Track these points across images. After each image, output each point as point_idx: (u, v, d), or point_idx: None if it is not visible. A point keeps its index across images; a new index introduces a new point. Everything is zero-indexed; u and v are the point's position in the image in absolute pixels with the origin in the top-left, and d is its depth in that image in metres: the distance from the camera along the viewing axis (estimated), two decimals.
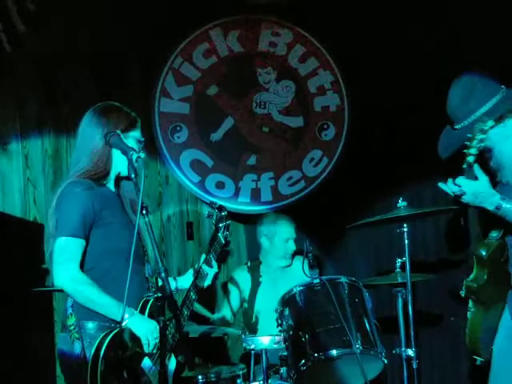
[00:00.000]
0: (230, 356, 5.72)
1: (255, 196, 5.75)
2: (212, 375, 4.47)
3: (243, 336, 4.44)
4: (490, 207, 3.25)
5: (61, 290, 4.84)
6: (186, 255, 5.65)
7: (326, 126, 5.81)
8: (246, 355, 4.93)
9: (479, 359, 3.67)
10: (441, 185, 3.28)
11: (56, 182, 5.29)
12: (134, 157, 3.23)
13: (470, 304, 3.62)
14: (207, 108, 5.72)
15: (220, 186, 5.71)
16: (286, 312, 4.23)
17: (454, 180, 3.24)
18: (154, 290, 3.54)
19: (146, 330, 3.30)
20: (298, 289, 4.24)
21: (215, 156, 5.70)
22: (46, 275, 5.19)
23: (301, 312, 4.21)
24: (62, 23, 5.29)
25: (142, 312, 3.37)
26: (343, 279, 4.24)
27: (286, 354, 4.38)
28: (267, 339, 4.30)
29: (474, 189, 3.22)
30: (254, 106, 5.78)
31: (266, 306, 4.86)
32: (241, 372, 4.49)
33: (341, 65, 5.80)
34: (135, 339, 3.28)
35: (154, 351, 3.34)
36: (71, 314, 3.33)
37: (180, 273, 5.21)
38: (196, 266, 3.83)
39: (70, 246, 3.30)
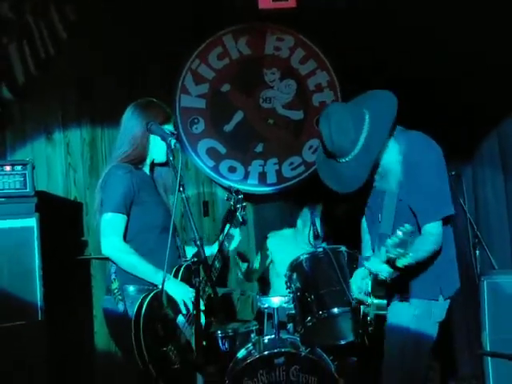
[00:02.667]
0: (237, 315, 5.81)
1: (262, 178, 5.83)
2: (229, 330, 4.56)
3: (258, 296, 4.54)
4: (401, 267, 3.14)
5: (98, 258, 5.07)
6: (203, 229, 5.71)
7: None
8: (258, 314, 5.03)
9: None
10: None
11: (92, 167, 5.39)
12: (172, 142, 3.31)
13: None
14: (221, 103, 5.79)
15: (232, 170, 5.79)
16: (294, 276, 4.34)
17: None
18: (183, 258, 3.64)
19: (179, 292, 3.41)
20: (304, 256, 4.35)
21: (228, 144, 5.78)
22: (85, 246, 5.31)
23: (307, 276, 4.32)
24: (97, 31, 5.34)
25: (176, 276, 3.47)
26: (343, 248, 4.33)
27: (293, 312, 4.49)
28: (278, 299, 4.40)
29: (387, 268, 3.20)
30: (261, 102, 5.85)
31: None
32: (254, 328, 4.59)
33: (335, 66, 5.87)
34: (170, 300, 3.38)
35: (186, 310, 3.43)
36: (115, 280, 3.41)
37: None
38: (221, 237, 3.90)
39: (115, 220, 3.39)
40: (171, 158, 3.34)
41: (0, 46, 5.01)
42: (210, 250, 3.86)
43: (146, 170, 3.61)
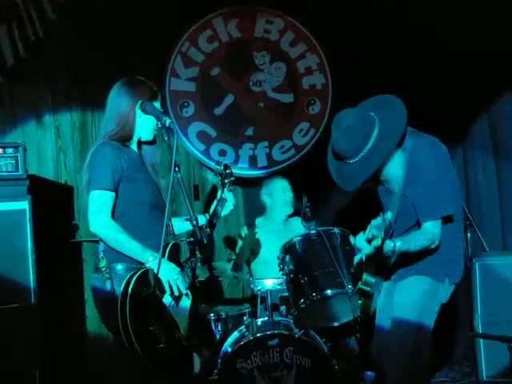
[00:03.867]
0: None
1: (252, 162, 5.83)
2: (222, 313, 4.56)
3: (251, 279, 4.53)
4: (388, 253, 3.32)
5: (90, 241, 5.03)
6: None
7: (312, 102, 5.87)
8: (251, 297, 5.02)
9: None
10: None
11: (83, 151, 5.33)
12: (167, 122, 3.28)
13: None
14: (211, 86, 5.77)
15: (222, 153, 5.77)
16: (287, 258, 4.30)
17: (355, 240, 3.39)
18: (171, 236, 3.62)
19: (164, 271, 3.34)
20: (297, 238, 4.29)
21: (218, 128, 5.77)
22: (76, 230, 5.27)
23: (300, 258, 4.26)
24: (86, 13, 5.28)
25: (163, 255, 3.38)
26: (336, 230, 4.27)
27: (285, 294, 4.48)
28: (271, 281, 4.40)
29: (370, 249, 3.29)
30: (251, 85, 5.83)
31: (272, 257, 4.92)
32: (247, 310, 4.59)
33: (325, 49, 5.85)
34: (157, 279, 3.32)
35: (173, 289, 3.39)
36: (102, 258, 3.37)
37: None
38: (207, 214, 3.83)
39: (102, 197, 3.35)
40: (166, 138, 3.31)
41: None
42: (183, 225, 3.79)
43: (134, 147, 3.57)
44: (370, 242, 3.19)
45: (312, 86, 5.86)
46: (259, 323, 4.33)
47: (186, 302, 3.44)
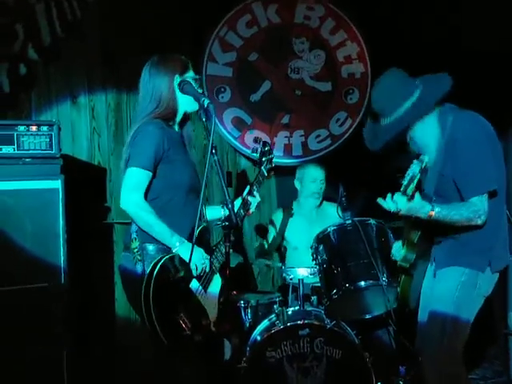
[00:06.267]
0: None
1: (287, 150, 5.71)
2: (252, 301, 4.48)
3: (283, 267, 4.44)
4: (423, 216, 3.23)
5: (125, 223, 4.97)
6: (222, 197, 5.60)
7: (351, 91, 5.74)
8: (282, 286, 4.93)
9: (407, 309, 3.71)
10: (380, 201, 3.22)
11: (117, 132, 5.27)
12: (206, 102, 3.19)
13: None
14: (248, 72, 5.65)
15: (256, 140, 5.61)
16: (321, 248, 4.23)
17: (392, 196, 3.18)
18: (204, 219, 3.53)
19: (194, 256, 3.25)
20: (332, 228, 4.23)
21: (254, 114, 5.65)
22: (108, 212, 5.21)
23: (334, 248, 4.20)
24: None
25: (191, 238, 3.29)
26: (372, 221, 4.21)
27: (317, 284, 4.40)
28: (304, 271, 4.31)
29: (408, 205, 3.17)
30: (289, 72, 5.71)
31: (302, 243, 4.84)
32: (277, 299, 4.50)
33: (366, 37, 5.71)
34: (184, 264, 3.25)
35: (201, 274, 3.33)
36: (135, 239, 3.30)
37: None
38: (241, 197, 3.73)
39: (139, 175, 3.27)
40: (204, 119, 3.22)
41: (27, 6, 4.88)
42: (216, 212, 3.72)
43: (176, 127, 3.50)
44: (405, 191, 3.12)
45: (351, 74, 5.73)
46: (290, 312, 4.25)
47: (215, 288, 3.37)
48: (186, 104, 3.45)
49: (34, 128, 4.21)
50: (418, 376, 3.59)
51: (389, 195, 3.19)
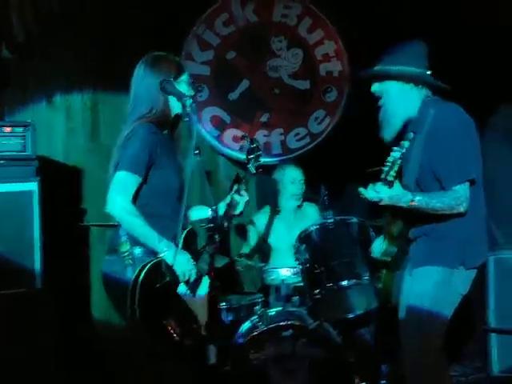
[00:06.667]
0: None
1: (266, 149, 5.63)
2: (233, 302, 4.42)
3: (265, 268, 4.40)
4: (405, 205, 3.20)
5: (101, 225, 4.91)
6: (204, 198, 5.53)
7: (329, 89, 5.70)
8: (262, 287, 4.87)
9: (390, 305, 3.68)
10: (361, 190, 3.19)
11: (93, 133, 5.19)
12: (188, 102, 3.12)
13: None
14: (226, 71, 5.61)
15: (235, 139, 5.60)
16: (303, 247, 4.19)
17: (373, 186, 3.15)
18: (190, 222, 3.48)
19: (181, 263, 3.19)
20: (314, 227, 4.20)
21: (232, 113, 5.60)
22: (84, 214, 5.12)
23: (316, 247, 4.18)
24: None
25: (176, 243, 3.24)
26: (354, 219, 4.19)
27: (299, 285, 4.36)
28: (286, 271, 4.27)
29: (389, 194, 3.14)
30: (267, 70, 5.66)
31: (282, 245, 4.80)
32: (259, 300, 4.44)
33: (343, 36, 5.67)
34: (171, 269, 3.17)
35: (189, 279, 3.25)
36: (125, 242, 3.21)
37: None
38: (228, 197, 3.62)
39: (128, 179, 3.18)
40: (187, 119, 3.15)
41: (0, 3, 4.78)
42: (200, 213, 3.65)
43: (167, 131, 3.41)
44: (386, 177, 3.09)
45: (329, 73, 5.69)
46: (273, 313, 4.18)
47: (204, 291, 3.29)
48: (176, 106, 3.35)
49: (7, 129, 4.13)
50: (401, 374, 3.57)
51: (371, 185, 3.17)
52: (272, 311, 4.21)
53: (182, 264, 3.19)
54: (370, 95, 3.55)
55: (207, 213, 3.56)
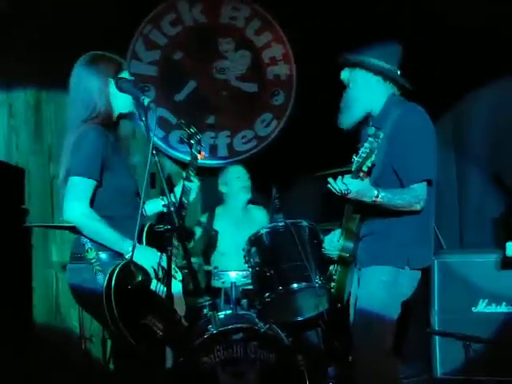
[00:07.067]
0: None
1: (212, 151, 5.63)
2: None
3: (215, 270, 4.36)
4: (368, 200, 3.24)
5: (45, 226, 4.79)
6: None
7: (276, 93, 5.70)
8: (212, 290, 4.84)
9: (340, 305, 3.65)
10: (330, 181, 3.22)
11: (36, 131, 5.07)
12: (146, 101, 3.07)
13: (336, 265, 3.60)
14: (172, 71, 5.56)
15: (182, 141, 5.51)
16: (253, 250, 4.18)
17: (342, 179, 3.19)
18: (146, 217, 3.42)
19: (146, 258, 3.13)
20: (265, 230, 4.19)
21: (178, 114, 5.51)
22: (26, 215, 4.98)
23: (266, 250, 4.16)
24: None
25: (140, 238, 3.18)
26: (304, 223, 4.19)
27: (248, 287, 4.34)
28: (235, 274, 4.25)
29: (357, 188, 3.19)
30: (214, 72, 5.64)
31: (229, 248, 4.78)
32: (207, 303, 4.41)
33: (291, 39, 5.67)
34: (140, 268, 3.10)
35: (160, 275, 3.19)
36: (90, 249, 3.12)
37: None
38: (178, 186, 3.61)
39: (83, 184, 3.10)
40: (144, 119, 3.09)
41: None
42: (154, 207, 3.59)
43: (113, 131, 3.33)
44: (360, 168, 3.13)
45: (276, 76, 5.70)
46: (222, 316, 4.16)
47: (177, 285, 3.24)
48: (120, 105, 3.29)
49: None
50: (348, 376, 3.59)
51: (339, 177, 3.19)
52: (221, 314, 4.20)
53: (150, 259, 3.13)
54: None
55: (160, 204, 3.48)
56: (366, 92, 3.50)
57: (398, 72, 3.51)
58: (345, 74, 3.57)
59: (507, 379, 4.40)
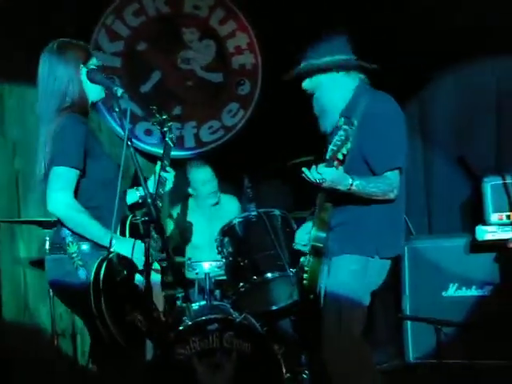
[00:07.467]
0: None
1: (179, 142, 5.52)
2: None
3: (188, 261, 4.34)
4: (343, 188, 3.22)
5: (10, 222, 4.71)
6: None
7: (242, 82, 5.69)
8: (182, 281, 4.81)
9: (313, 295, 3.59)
10: (305, 170, 3.19)
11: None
12: (119, 92, 3.02)
13: (309, 256, 3.55)
14: (137, 62, 5.51)
15: (148, 132, 5.53)
16: (226, 240, 4.17)
17: (316, 168, 3.15)
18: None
19: (133, 251, 3.06)
20: (237, 220, 4.19)
21: (144, 106, 5.42)
22: None
23: (239, 240, 4.17)
24: None
25: (123, 229, 3.14)
26: (277, 212, 4.21)
27: (221, 278, 4.34)
28: (208, 264, 4.23)
29: (332, 176, 3.16)
30: (179, 62, 5.60)
31: (202, 241, 4.76)
32: (180, 295, 4.39)
33: (256, 28, 5.65)
34: (125, 260, 3.04)
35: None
36: (72, 243, 3.03)
37: None
38: (154, 176, 3.51)
39: (67, 175, 3.00)
40: (117, 110, 3.04)
41: None
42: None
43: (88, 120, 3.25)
44: (335, 156, 3.10)
45: (242, 65, 5.68)
46: (196, 307, 4.14)
47: (156, 277, 3.20)
48: (93, 93, 3.21)
49: None
50: (321, 364, 3.60)
51: (314, 166, 3.16)
52: (195, 305, 4.18)
53: (135, 252, 3.06)
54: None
55: (135, 195, 3.45)
56: (336, 91, 3.46)
57: (355, 58, 3.48)
58: (307, 84, 3.51)
59: (478, 362, 4.47)
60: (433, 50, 5.09)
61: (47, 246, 3.84)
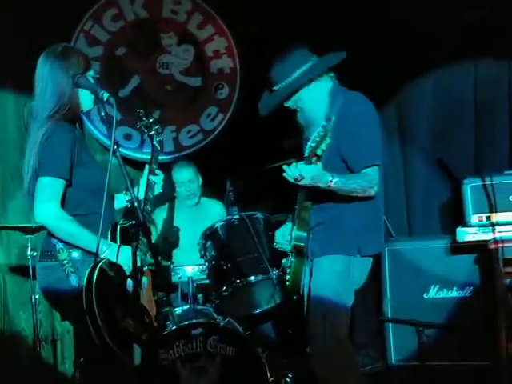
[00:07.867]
0: None
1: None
2: None
3: (172, 266, 4.33)
4: (323, 185, 3.28)
5: None
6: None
7: (220, 86, 5.69)
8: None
9: (296, 296, 3.64)
10: (284, 167, 3.26)
11: None
12: (105, 96, 3.01)
13: (291, 257, 3.59)
14: (116, 67, 5.49)
15: (127, 137, 5.52)
16: (209, 244, 4.17)
17: (296, 165, 3.23)
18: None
19: (123, 257, 3.05)
20: (219, 224, 4.19)
21: (123, 110, 5.41)
22: None
23: (222, 244, 4.17)
24: None
25: (114, 236, 3.12)
26: (259, 215, 4.21)
27: (203, 282, 4.33)
28: (191, 268, 4.22)
29: (311, 173, 3.23)
30: (158, 67, 5.59)
31: (184, 243, 4.74)
32: (163, 299, 4.36)
33: (234, 32, 5.67)
34: (116, 267, 3.03)
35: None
36: (62, 249, 3.04)
37: None
38: (143, 180, 3.52)
39: (54, 185, 3.01)
40: (103, 114, 3.04)
41: None
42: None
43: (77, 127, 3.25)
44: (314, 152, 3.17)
45: (220, 69, 5.68)
46: (179, 312, 4.13)
47: (146, 282, 3.19)
48: (85, 103, 3.23)
49: None
50: (305, 367, 3.61)
51: (293, 163, 3.21)
52: (178, 310, 4.17)
53: (126, 257, 3.03)
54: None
55: (123, 200, 3.43)
56: (317, 100, 3.50)
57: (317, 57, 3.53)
58: (289, 104, 3.55)
59: (460, 363, 4.50)
60: (412, 52, 5.12)
61: (37, 253, 3.78)
